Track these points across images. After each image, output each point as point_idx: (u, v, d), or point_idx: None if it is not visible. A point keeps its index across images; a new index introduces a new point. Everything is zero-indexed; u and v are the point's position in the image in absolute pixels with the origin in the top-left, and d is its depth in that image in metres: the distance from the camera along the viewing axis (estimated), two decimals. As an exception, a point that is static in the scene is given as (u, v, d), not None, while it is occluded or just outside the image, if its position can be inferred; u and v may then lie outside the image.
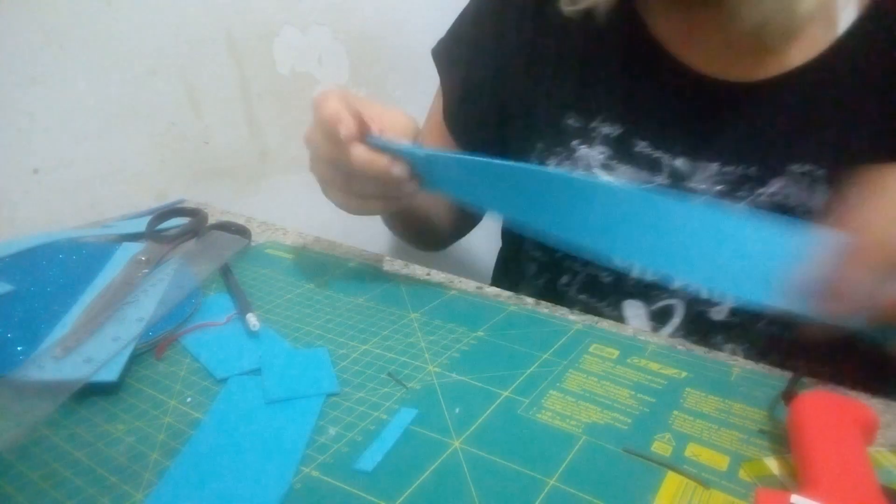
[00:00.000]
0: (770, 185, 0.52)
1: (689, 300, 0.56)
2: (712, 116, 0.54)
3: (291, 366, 0.42)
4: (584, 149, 0.58)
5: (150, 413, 0.37)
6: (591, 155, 0.57)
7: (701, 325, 0.56)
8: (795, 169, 0.52)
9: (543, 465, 0.33)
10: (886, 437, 0.35)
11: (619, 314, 0.58)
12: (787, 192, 0.52)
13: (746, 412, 0.37)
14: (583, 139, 0.58)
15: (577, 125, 0.58)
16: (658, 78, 0.55)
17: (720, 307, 0.55)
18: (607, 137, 0.57)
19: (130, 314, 0.46)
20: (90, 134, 0.74)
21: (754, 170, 0.53)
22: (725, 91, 0.53)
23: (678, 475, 0.32)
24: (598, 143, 0.57)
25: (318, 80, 0.97)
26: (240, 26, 0.86)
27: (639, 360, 0.43)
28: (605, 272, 0.58)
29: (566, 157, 0.59)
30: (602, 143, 0.57)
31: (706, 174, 0.54)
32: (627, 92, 0.57)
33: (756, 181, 0.53)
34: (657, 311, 0.57)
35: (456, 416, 0.37)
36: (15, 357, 0.41)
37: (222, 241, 0.61)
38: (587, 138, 0.58)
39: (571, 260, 0.60)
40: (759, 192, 0.53)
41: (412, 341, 0.45)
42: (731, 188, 0.53)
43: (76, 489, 0.32)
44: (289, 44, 0.92)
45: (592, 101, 0.58)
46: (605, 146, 0.57)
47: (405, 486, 0.32)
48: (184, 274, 0.53)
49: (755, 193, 0.53)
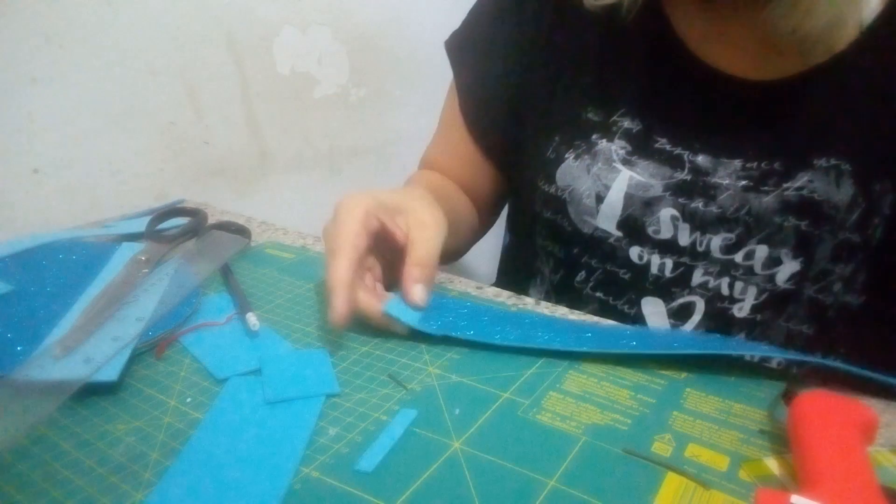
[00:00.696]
0: (797, 180, 0.52)
1: (708, 297, 0.55)
2: (734, 115, 0.54)
3: (291, 366, 0.42)
4: (603, 143, 0.57)
5: (150, 413, 0.37)
6: (611, 149, 0.57)
7: (722, 322, 0.56)
8: (822, 163, 0.52)
9: (543, 466, 0.33)
10: (886, 437, 0.35)
11: (638, 312, 0.58)
12: (813, 187, 0.52)
13: (746, 412, 0.37)
14: (603, 133, 0.57)
15: (596, 119, 0.58)
16: (679, 76, 0.55)
17: (741, 304, 0.55)
18: (628, 132, 0.57)
19: (130, 314, 0.46)
20: (90, 134, 0.74)
21: (779, 164, 0.53)
22: (747, 89, 0.53)
23: (678, 476, 0.32)
24: (618, 138, 0.57)
25: (318, 80, 0.97)
26: (240, 26, 0.86)
27: (638, 360, 0.43)
28: (624, 269, 0.58)
29: (586, 151, 0.58)
30: (622, 138, 0.57)
31: (729, 170, 0.54)
32: (648, 88, 0.57)
33: (782, 176, 0.53)
34: (676, 308, 0.57)
35: (456, 417, 0.37)
36: (15, 357, 0.41)
37: (222, 241, 0.61)
38: (607, 132, 0.57)
39: (589, 256, 0.59)
40: (785, 186, 0.53)
41: (412, 342, 0.45)
42: (757, 183, 0.53)
43: (76, 489, 0.32)
44: (289, 44, 0.92)
45: (613, 96, 0.58)
46: (625, 141, 0.57)
47: (405, 487, 0.32)
48: (184, 274, 0.53)
49: (781, 188, 0.53)
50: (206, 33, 0.83)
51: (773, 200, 0.53)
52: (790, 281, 0.54)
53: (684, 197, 0.55)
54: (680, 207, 0.55)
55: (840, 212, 0.52)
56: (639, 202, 0.56)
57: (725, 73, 0.54)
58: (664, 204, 0.55)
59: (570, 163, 0.59)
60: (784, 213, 0.53)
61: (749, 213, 0.53)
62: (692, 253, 0.55)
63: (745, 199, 0.53)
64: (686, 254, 0.55)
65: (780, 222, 0.53)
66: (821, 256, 0.53)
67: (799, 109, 0.53)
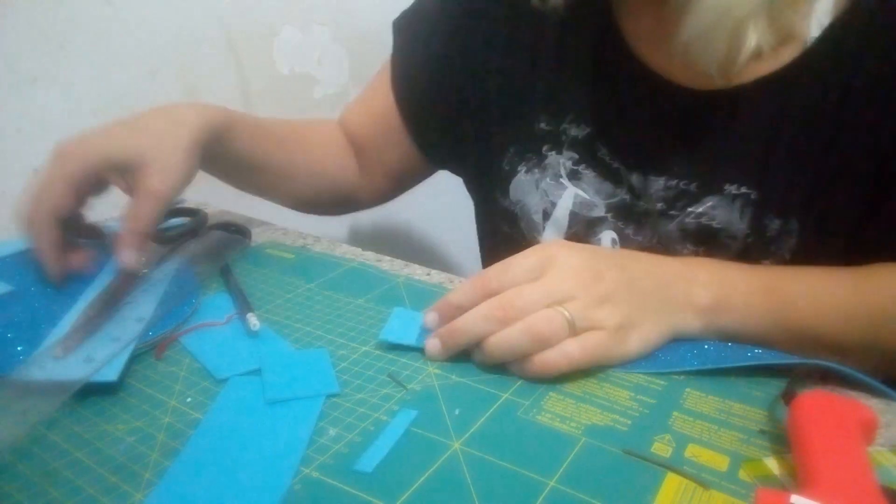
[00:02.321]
0: (701, 204, 0.51)
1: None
2: (667, 126, 0.52)
3: (291, 366, 0.42)
4: (552, 155, 0.57)
5: (150, 413, 0.37)
6: (559, 161, 0.56)
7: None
8: (731, 190, 0.49)
9: (543, 466, 0.33)
10: (886, 437, 0.35)
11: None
12: (714, 214, 0.50)
13: (746, 412, 0.37)
14: (553, 144, 0.57)
15: (548, 128, 0.57)
16: (622, 80, 0.53)
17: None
18: (574, 140, 0.56)
19: (130, 314, 0.46)
20: (90, 134, 0.74)
21: (694, 186, 0.51)
22: (684, 98, 0.50)
23: (678, 476, 0.32)
24: (566, 148, 0.56)
25: (318, 80, 0.97)
26: (240, 26, 0.86)
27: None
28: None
29: (536, 164, 0.58)
30: (570, 148, 0.56)
31: (653, 189, 0.52)
32: (595, 92, 0.55)
33: (691, 199, 0.51)
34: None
35: (456, 417, 0.37)
36: (15, 357, 0.41)
37: (222, 241, 0.61)
38: (557, 143, 0.56)
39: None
40: (688, 210, 0.51)
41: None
42: (668, 206, 0.52)
43: (76, 489, 0.32)
44: (289, 44, 0.92)
45: (563, 101, 0.56)
46: (573, 150, 0.56)
47: (405, 488, 0.32)
48: (184, 274, 0.53)
49: (685, 212, 0.51)
50: (206, 33, 0.83)
51: (675, 227, 0.52)
52: None
53: (622, 220, 0.54)
54: (619, 231, 0.54)
55: (736, 241, 0.50)
56: (583, 221, 0.56)
57: (666, 79, 0.51)
58: (606, 226, 0.55)
59: (521, 176, 0.59)
60: (683, 240, 0.52)
61: (659, 242, 0.53)
62: None
63: (656, 225, 0.52)
64: None
65: (681, 250, 0.52)
66: None
67: (725, 125, 0.49)
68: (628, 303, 0.41)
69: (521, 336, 0.39)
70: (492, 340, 0.40)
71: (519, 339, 0.39)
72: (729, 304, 0.44)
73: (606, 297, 0.41)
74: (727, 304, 0.44)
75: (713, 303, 0.44)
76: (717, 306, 0.44)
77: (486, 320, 0.40)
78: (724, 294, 0.44)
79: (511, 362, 0.41)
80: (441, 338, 0.42)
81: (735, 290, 0.44)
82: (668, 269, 0.45)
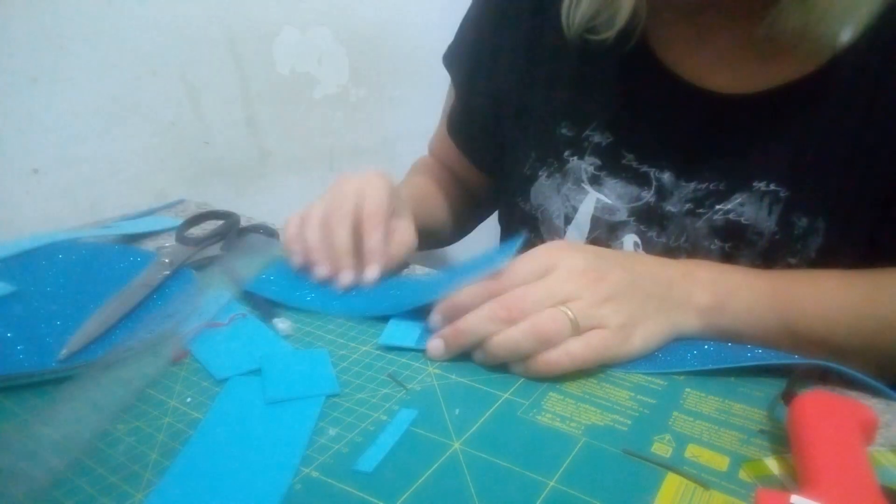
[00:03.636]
0: (730, 202, 0.51)
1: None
2: (698, 131, 0.52)
3: (291, 366, 0.42)
4: (574, 160, 0.57)
5: (150, 413, 0.37)
6: (581, 167, 0.57)
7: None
8: (760, 186, 0.50)
9: (543, 466, 0.33)
10: (886, 437, 0.35)
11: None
12: (742, 210, 0.50)
13: (746, 412, 0.37)
14: (574, 149, 0.57)
15: (569, 134, 0.57)
16: (650, 88, 0.54)
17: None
18: (598, 147, 0.56)
19: (135, 314, 0.47)
20: (90, 134, 0.74)
21: (724, 184, 0.51)
22: (717, 104, 0.51)
23: (678, 476, 0.32)
24: (588, 154, 0.56)
25: (318, 80, 0.97)
26: (240, 26, 0.86)
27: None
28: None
29: (558, 169, 0.58)
30: (593, 154, 0.56)
31: (682, 193, 0.52)
32: (620, 100, 0.55)
33: (720, 196, 0.51)
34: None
35: (456, 417, 0.37)
36: (15, 357, 0.41)
37: (257, 243, 0.61)
38: (579, 148, 0.57)
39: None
40: (717, 207, 0.51)
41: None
42: (696, 206, 0.52)
43: (76, 489, 0.32)
44: (289, 44, 0.92)
45: (586, 108, 0.57)
46: (595, 157, 0.56)
47: (405, 488, 0.32)
48: (185, 274, 0.53)
49: (713, 210, 0.51)
50: (206, 33, 0.83)
51: (703, 224, 0.52)
52: None
53: (645, 224, 0.54)
54: (641, 234, 0.55)
55: (763, 238, 0.50)
56: (605, 225, 0.56)
57: (697, 86, 0.51)
58: (628, 229, 0.55)
59: (542, 181, 0.59)
60: (711, 236, 0.52)
61: (687, 240, 0.53)
62: None
63: (683, 225, 0.53)
64: None
65: (709, 245, 0.52)
66: None
67: (756, 127, 0.50)
68: (631, 302, 0.42)
69: (524, 336, 0.39)
70: (495, 340, 0.40)
71: (523, 338, 0.39)
72: (730, 305, 0.44)
73: (609, 296, 0.41)
74: (728, 305, 0.44)
75: (714, 303, 0.44)
76: (718, 306, 0.44)
77: (490, 320, 0.41)
78: (725, 294, 0.44)
79: (513, 362, 0.41)
80: (445, 338, 0.42)
81: (737, 291, 0.45)
82: (671, 270, 0.45)
